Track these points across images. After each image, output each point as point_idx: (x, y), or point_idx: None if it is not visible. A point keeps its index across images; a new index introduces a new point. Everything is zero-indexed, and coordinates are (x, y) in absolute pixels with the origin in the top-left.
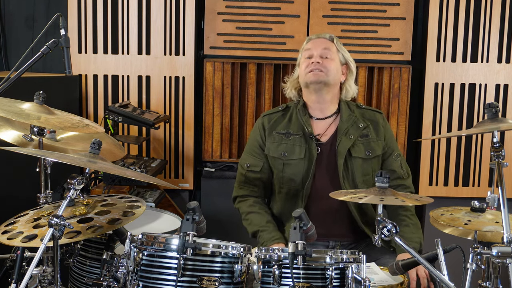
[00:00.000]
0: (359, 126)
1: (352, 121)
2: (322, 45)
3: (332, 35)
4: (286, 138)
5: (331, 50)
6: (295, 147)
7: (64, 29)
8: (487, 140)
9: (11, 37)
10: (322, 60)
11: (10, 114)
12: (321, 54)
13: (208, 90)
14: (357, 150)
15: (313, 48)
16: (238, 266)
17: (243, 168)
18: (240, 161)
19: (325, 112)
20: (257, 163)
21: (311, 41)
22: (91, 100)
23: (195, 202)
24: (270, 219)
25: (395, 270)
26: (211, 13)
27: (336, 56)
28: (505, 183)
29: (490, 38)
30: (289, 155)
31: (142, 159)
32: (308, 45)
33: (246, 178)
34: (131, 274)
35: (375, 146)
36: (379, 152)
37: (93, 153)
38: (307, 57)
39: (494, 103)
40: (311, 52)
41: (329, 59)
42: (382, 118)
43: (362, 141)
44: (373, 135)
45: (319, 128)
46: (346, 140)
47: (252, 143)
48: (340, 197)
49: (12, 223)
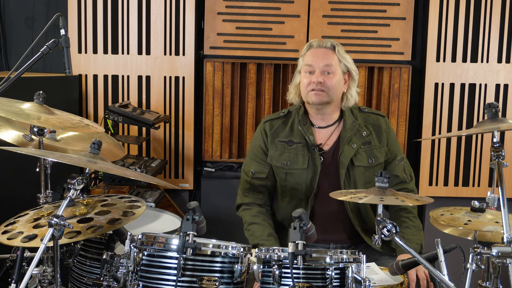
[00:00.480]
0: (363, 135)
1: (356, 129)
2: (323, 60)
3: (334, 43)
4: (289, 147)
5: (332, 64)
6: (298, 156)
7: (64, 29)
8: (487, 140)
9: (11, 37)
10: (323, 78)
11: (10, 114)
12: (322, 71)
13: (208, 90)
14: (360, 159)
15: (314, 64)
16: (238, 266)
17: (247, 175)
18: (244, 168)
19: (327, 121)
20: (262, 170)
21: (312, 53)
22: (91, 100)
23: (195, 202)
24: (271, 232)
25: (395, 270)
26: (211, 13)
27: (338, 69)
28: (505, 183)
29: (490, 38)
30: (292, 164)
31: (142, 159)
32: (309, 57)
33: (251, 185)
34: (131, 274)
35: (377, 153)
36: (382, 160)
37: (93, 153)
38: (308, 71)
39: (494, 103)
40: (312, 68)
41: (330, 75)
42: (385, 122)
43: (365, 149)
44: (375, 142)
45: (321, 136)
46: (349, 150)
47: (256, 149)
48: (340, 197)
49: (12, 223)
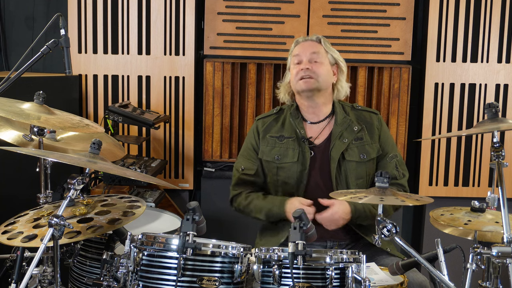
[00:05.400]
0: (354, 129)
1: (347, 124)
2: (310, 49)
3: (319, 36)
4: (280, 142)
5: (319, 53)
6: (288, 150)
7: (64, 29)
8: (487, 140)
9: (11, 37)
10: (311, 66)
11: (10, 114)
12: (309, 59)
13: (208, 90)
14: (351, 154)
15: (301, 53)
16: (238, 266)
17: (238, 171)
18: (236, 164)
19: (319, 115)
20: (251, 166)
21: (299, 45)
22: (91, 100)
23: (195, 202)
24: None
25: (395, 270)
26: (211, 13)
27: (325, 59)
28: (505, 183)
29: (490, 38)
30: (282, 158)
31: (142, 159)
32: (296, 50)
33: (241, 180)
34: (131, 274)
35: (369, 149)
36: (373, 155)
37: (93, 153)
38: (296, 62)
39: (494, 103)
40: (299, 58)
41: (318, 63)
42: (378, 120)
43: (357, 145)
44: (367, 138)
45: (312, 131)
46: (340, 144)
47: (247, 146)
48: (340, 197)
49: (12, 223)
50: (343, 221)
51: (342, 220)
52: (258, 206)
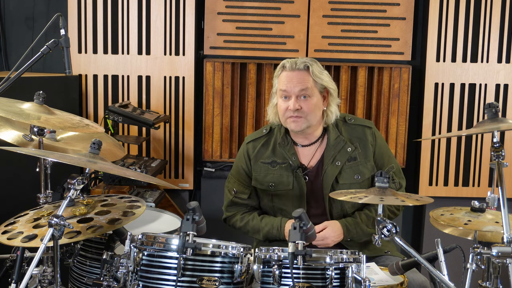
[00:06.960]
0: (347, 151)
1: (340, 146)
2: (298, 84)
3: (307, 63)
4: (273, 168)
5: (308, 87)
6: (282, 177)
7: (64, 29)
8: (487, 140)
9: (11, 37)
10: (300, 104)
11: (10, 114)
12: (298, 95)
13: (208, 90)
14: (345, 176)
15: (289, 89)
16: (238, 266)
17: (230, 193)
18: (227, 184)
19: (310, 139)
20: (244, 190)
21: (286, 76)
22: (91, 100)
23: (195, 202)
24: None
25: (395, 270)
26: (211, 13)
27: (314, 91)
28: (505, 183)
29: (490, 38)
30: (277, 185)
31: (142, 159)
32: (283, 83)
33: (234, 202)
34: (131, 274)
35: (363, 169)
36: (368, 175)
37: (93, 153)
38: (283, 96)
39: (494, 103)
40: (287, 94)
41: (307, 99)
42: (371, 134)
43: (351, 165)
44: (361, 158)
45: (304, 154)
46: (333, 169)
47: (238, 169)
48: (340, 197)
49: (12, 223)
50: (334, 243)
51: (333, 243)
52: (256, 228)
